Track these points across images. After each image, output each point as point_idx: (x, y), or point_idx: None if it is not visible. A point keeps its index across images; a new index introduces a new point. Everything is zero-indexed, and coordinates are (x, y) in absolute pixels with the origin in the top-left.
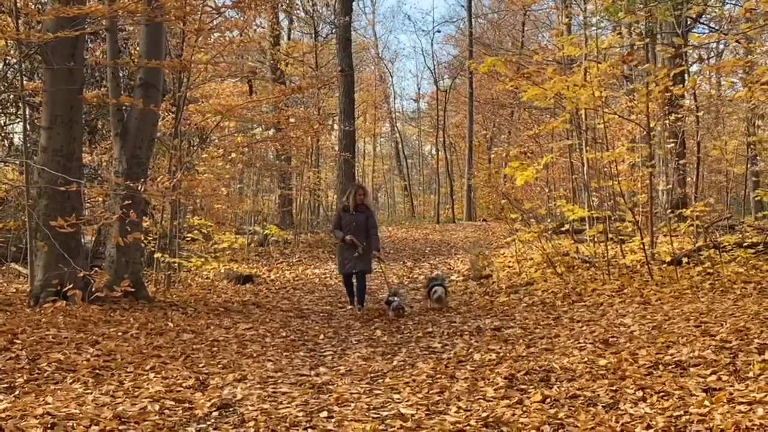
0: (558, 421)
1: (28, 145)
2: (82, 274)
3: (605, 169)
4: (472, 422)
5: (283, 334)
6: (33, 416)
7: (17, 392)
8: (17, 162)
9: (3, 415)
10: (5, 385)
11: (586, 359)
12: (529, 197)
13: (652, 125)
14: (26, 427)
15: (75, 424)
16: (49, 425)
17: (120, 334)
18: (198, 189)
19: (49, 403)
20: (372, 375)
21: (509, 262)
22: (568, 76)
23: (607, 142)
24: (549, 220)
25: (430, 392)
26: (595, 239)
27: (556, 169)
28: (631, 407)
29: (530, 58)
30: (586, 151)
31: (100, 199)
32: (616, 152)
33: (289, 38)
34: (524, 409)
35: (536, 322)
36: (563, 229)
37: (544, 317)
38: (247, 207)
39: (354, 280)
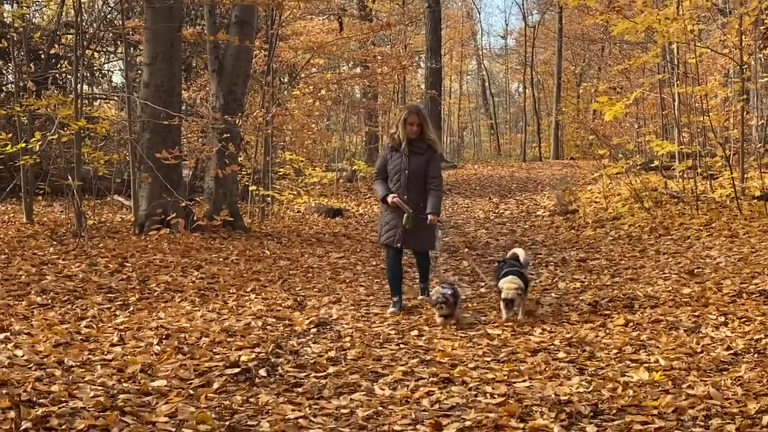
0: (640, 343)
1: (127, 81)
2: (183, 204)
3: (696, 105)
4: (556, 342)
5: (374, 263)
6: (148, 329)
7: (131, 309)
8: (116, 98)
9: (121, 327)
10: (120, 303)
11: (670, 288)
12: (618, 133)
13: (745, 59)
14: (143, 337)
15: (187, 336)
16: (163, 336)
17: (221, 259)
18: (289, 125)
19: (161, 318)
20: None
21: (596, 197)
22: (659, 10)
23: (698, 77)
24: (637, 156)
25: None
26: (684, 174)
27: (646, 105)
28: (713, 331)
29: None
30: (677, 86)
31: (194, 135)
32: (708, 87)
33: None
34: (607, 331)
35: (622, 254)
36: (652, 165)
37: (629, 250)
38: (335, 144)
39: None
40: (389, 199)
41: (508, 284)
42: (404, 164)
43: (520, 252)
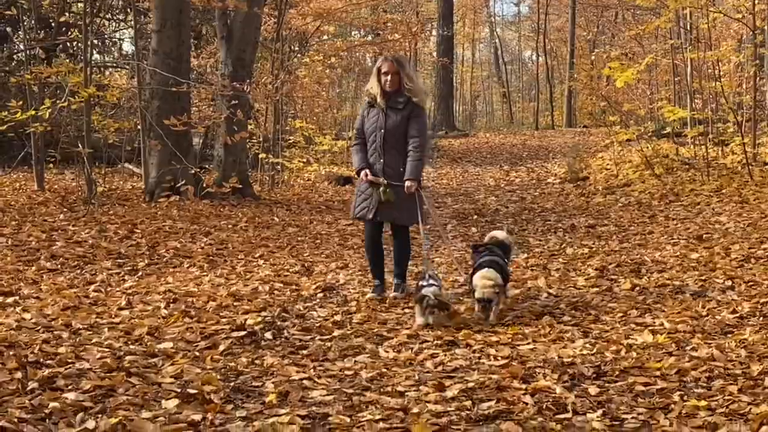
0: (645, 306)
1: (136, 49)
2: (193, 172)
3: (709, 71)
4: (562, 306)
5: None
6: (156, 293)
7: (140, 273)
8: (127, 66)
9: (130, 291)
10: (129, 268)
11: (678, 253)
12: (630, 100)
13: (758, 24)
14: (151, 301)
15: (194, 300)
16: (171, 300)
17: (230, 226)
18: (299, 92)
19: (169, 283)
20: (465, 266)
21: (607, 164)
22: None
23: (711, 42)
24: (649, 123)
25: (523, 276)
26: (696, 141)
27: (659, 72)
28: (719, 295)
29: None
30: (689, 52)
31: (204, 103)
32: (720, 52)
33: None
34: (613, 295)
35: (631, 220)
36: (664, 132)
37: (639, 216)
38: (346, 112)
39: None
40: (362, 175)
41: (483, 281)
42: (380, 122)
43: (501, 234)
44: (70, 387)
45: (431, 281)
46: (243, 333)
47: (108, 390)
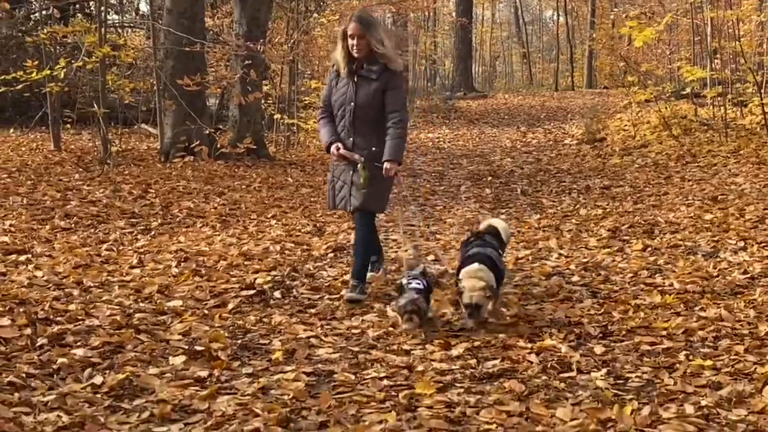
0: (656, 267)
1: (152, 9)
2: (207, 132)
3: (729, 30)
4: (572, 266)
5: (395, 191)
6: (168, 252)
7: (153, 233)
8: (143, 26)
9: (141, 250)
10: (142, 227)
11: (692, 214)
12: (650, 60)
13: None
14: (162, 260)
15: (205, 259)
16: (182, 259)
17: (244, 186)
18: (315, 52)
19: (181, 242)
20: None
21: (625, 125)
22: None
23: (731, 1)
24: (668, 83)
25: (534, 237)
26: (715, 102)
27: (678, 31)
28: (731, 255)
29: None
30: (709, 10)
31: (221, 63)
32: (740, 11)
33: None
34: (624, 256)
35: (646, 181)
36: (684, 92)
37: (655, 177)
38: None
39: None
40: (333, 150)
41: (472, 281)
42: (350, 94)
43: (499, 223)
44: (78, 343)
45: (413, 282)
46: (252, 292)
47: (116, 346)
